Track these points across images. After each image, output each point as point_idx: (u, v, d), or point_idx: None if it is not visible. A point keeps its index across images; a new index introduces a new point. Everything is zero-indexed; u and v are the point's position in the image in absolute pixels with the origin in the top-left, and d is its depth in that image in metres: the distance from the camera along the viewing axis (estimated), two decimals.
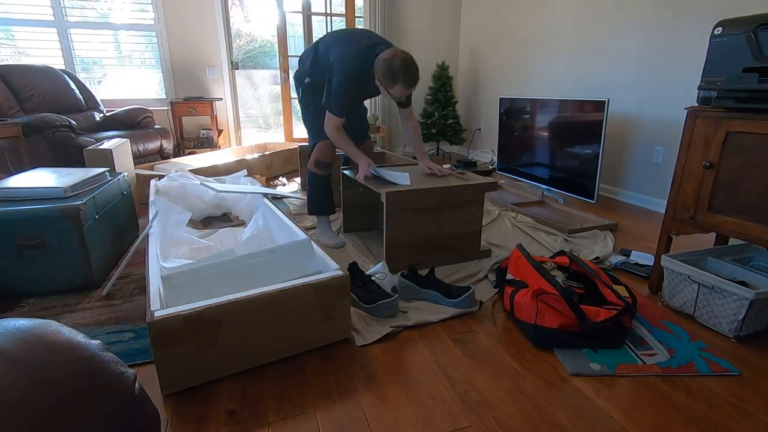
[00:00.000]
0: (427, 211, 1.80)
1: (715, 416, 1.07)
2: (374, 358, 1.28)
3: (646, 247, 2.16)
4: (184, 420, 1.04)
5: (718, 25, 1.38)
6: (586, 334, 1.30)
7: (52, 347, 0.71)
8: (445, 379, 1.20)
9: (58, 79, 3.46)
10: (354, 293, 1.55)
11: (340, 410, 1.08)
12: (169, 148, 3.72)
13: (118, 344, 1.34)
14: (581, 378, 1.20)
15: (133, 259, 1.95)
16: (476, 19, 4.63)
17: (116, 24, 3.89)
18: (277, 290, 1.18)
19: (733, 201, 1.39)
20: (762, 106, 1.29)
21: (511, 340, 1.38)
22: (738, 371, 1.23)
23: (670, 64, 2.65)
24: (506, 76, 4.22)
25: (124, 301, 1.61)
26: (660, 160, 2.78)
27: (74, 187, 1.75)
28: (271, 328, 1.20)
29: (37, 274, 1.63)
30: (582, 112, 2.56)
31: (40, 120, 2.84)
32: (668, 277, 1.56)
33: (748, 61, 1.30)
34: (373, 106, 4.71)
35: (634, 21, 2.86)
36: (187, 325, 1.07)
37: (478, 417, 1.06)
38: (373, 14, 4.44)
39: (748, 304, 1.30)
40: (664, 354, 1.30)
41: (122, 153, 2.71)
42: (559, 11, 3.49)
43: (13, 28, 3.63)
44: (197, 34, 4.12)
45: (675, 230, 1.59)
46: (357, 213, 2.27)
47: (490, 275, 1.83)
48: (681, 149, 1.54)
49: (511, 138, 3.23)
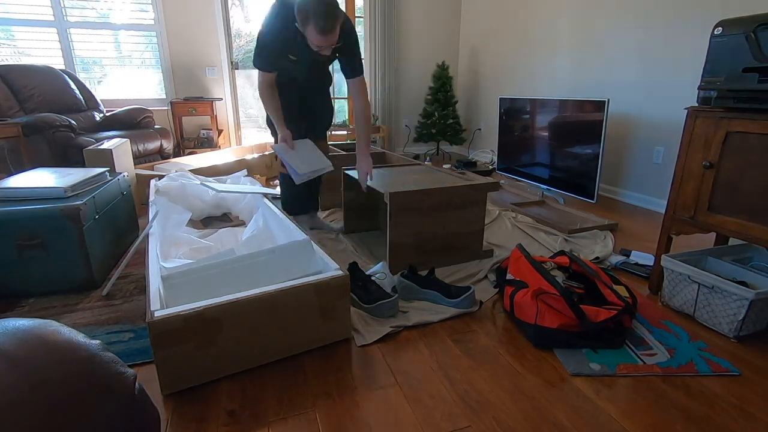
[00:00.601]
0: (430, 212, 1.80)
1: (715, 416, 1.07)
2: (374, 358, 1.28)
3: (646, 247, 2.16)
4: (184, 420, 1.04)
5: (718, 25, 1.38)
6: (586, 334, 1.29)
7: (52, 347, 0.71)
8: (445, 379, 1.20)
9: (58, 79, 3.46)
10: (354, 293, 1.55)
11: (340, 410, 1.08)
12: (169, 148, 3.72)
13: (118, 344, 1.34)
14: (581, 378, 1.20)
15: (133, 259, 1.95)
16: (476, 19, 4.63)
17: (116, 24, 3.89)
18: (277, 290, 1.18)
19: (733, 201, 1.39)
20: (762, 106, 1.29)
21: (511, 340, 1.38)
22: (738, 371, 1.23)
23: (670, 63, 2.65)
24: (506, 76, 4.22)
25: (124, 301, 1.61)
26: (660, 160, 2.78)
27: (74, 187, 1.75)
28: (271, 328, 1.20)
29: (37, 274, 1.63)
30: (582, 112, 2.56)
31: (40, 120, 2.84)
32: (668, 277, 1.56)
33: (748, 61, 1.30)
34: (373, 106, 4.70)
35: (634, 21, 2.86)
36: (187, 325, 1.07)
37: (478, 417, 1.06)
38: (373, 14, 4.44)
39: (748, 304, 1.30)
40: (664, 354, 1.30)
41: (122, 153, 2.71)
42: (559, 11, 3.49)
43: (13, 28, 3.63)
44: (197, 34, 4.12)
45: (675, 230, 1.59)
46: (358, 213, 2.27)
47: (490, 275, 1.83)
48: (681, 149, 1.54)
49: (511, 138, 3.23)
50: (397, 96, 4.84)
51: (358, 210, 2.27)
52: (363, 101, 1.93)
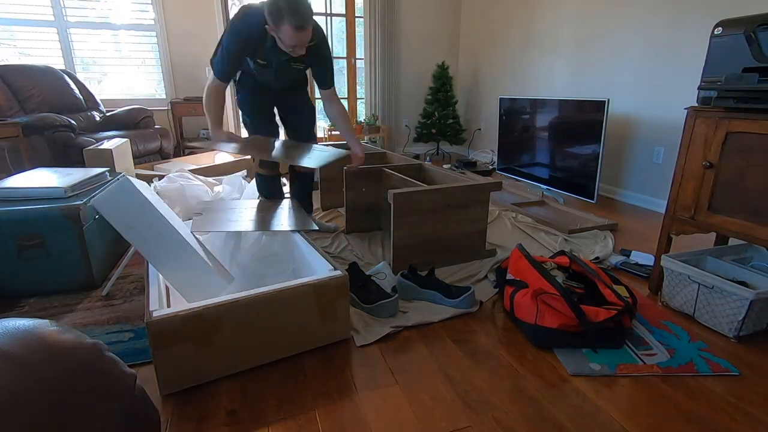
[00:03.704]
0: (434, 212, 1.80)
1: (715, 416, 1.07)
2: (374, 358, 1.28)
3: (646, 247, 2.16)
4: (184, 420, 1.04)
5: (718, 25, 1.38)
6: (586, 334, 1.29)
7: (52, 347, 0.70)
8: (445, 379, 1.20)
9: (58, 79, 3.46)
10: (354, 293, 1.55)
11: (340, 410, 1.08)
12: (169, 148, 3.72)
13: (118, 344, 1.34)
14: (581, 378, 1.20)
15: (133, 259, 1.95)
16: (476, 19, 4.63)
17: (116, 24, 3.89)
18: (277, 290, 1.18)
19: (733, 201, 1.39)
20: (762, 106, 1.29)
21: (511, 340, 1.38)
22: (738, 371, 1.23)
23: (670, 63, 2.65)
24: (506, 76, 4.22)
25: (124, 301, 1.61)
26: (660, 160, 2.78)
27: (74, 187, 1.75)
28: (270, 328, 1.20)
29: (37, 274, 1.63)
30: (582, 112, 2.56)
31: (40, 120, 2.84)
32: (668, 277, 1.56)
33: (748, 61, 1.30)
34: (373, 106, 4.70)
35: (634, 21, 2.86)
36: (186, 325, 1.07)
37: (478, 417, 1.06)
38: (373, 14, 4.44)
39: (748, 304, 1.30)
40: (664, 354, 1.30)
41: (122, 153, 2.71)
42: (559, 11, 3.49)
43: (13, 28, 3.63)
44: (197, 34, 4.12)
45: (675, 230, 1.59)
46: (359, 214, 2.27)
47: (490, 275, 1.83)
48: (681, 149, 1.54)
49: (511, 138, 3.23)
50: (397, 96, 4.84)
51: (359, 210, 2.26)
52: (339, 104, 1.98)
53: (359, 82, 4.83)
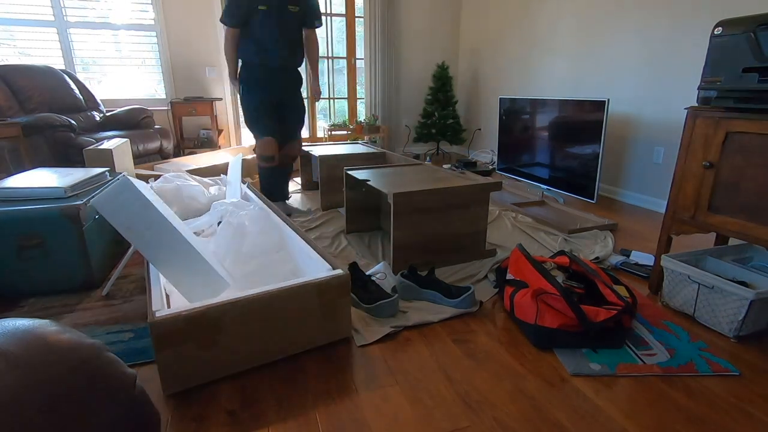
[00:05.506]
0: (434, 212, 1.80)
1: (715, 416, 1.07)
2: (374, 358, 1.28)
3: (646, 247, 2.16)
4: (184, 420, 1.04)
5: (718, 25, 1.38)
6: (586, 334, 1.29)
7: (52, 347, 0.71)
8: (445, 379, 1.20)
9: (58, 79, 3.46)
10: (354, 293, 1.55)
11: (340, 410, 1.08)
12: (169, 148, 3.71)
13: (118, 344, 1.34)
14: (581, 378, 1.20)
15: (133, 259, 1.95)
16: (476, 19, 4.63)
17: (116, 24, 3.89)
18: (278, 290, 1.18)
19: (733, 201, 1.39)
20: (762, 106, 1.29)
21: (511, 340, 1.38)
22: (738, 371, 1.23)
23: (670, 63, 2.65)
24: (506, 76, 4.22)
25: (124, 301, 1.61)
26: (660, 160, 2.78)
27: (74, 187, 1.75)
28: (271, 328, 1.20)
29: (37, 274, 1.63)
30: (582, 112, 2.56)
31: (40, 120, 2.84)
32: (668, 277, 1.56)
33: (748, 61, 1.30)
34: (373, 106, 4.70)
35: (634, 21, 2.86)
36: (189, 326, 1.07)
37: (478, 417, 1.06)
38: (373, 14, 4.44)
39: (748, 304, 1.30)
40: (664, 354, 1.30)
41: (122, 153, 2.70)
42: (559, 11, 3.49)
43: (13, 28, 3.63)
44: (197, 34, 4.12)
45: (675, 230, 1.59)
46: (359, 213, 2.27)
47: (490, 275, 1.83)
48: (681, 149, 1.54)
49: (511, 138, 3.23)
50: (397, 96, 4.84)
51: (359, 210, 2.27)
52: (315, 42, 2.48)
53: (359, 82, 4.83)
